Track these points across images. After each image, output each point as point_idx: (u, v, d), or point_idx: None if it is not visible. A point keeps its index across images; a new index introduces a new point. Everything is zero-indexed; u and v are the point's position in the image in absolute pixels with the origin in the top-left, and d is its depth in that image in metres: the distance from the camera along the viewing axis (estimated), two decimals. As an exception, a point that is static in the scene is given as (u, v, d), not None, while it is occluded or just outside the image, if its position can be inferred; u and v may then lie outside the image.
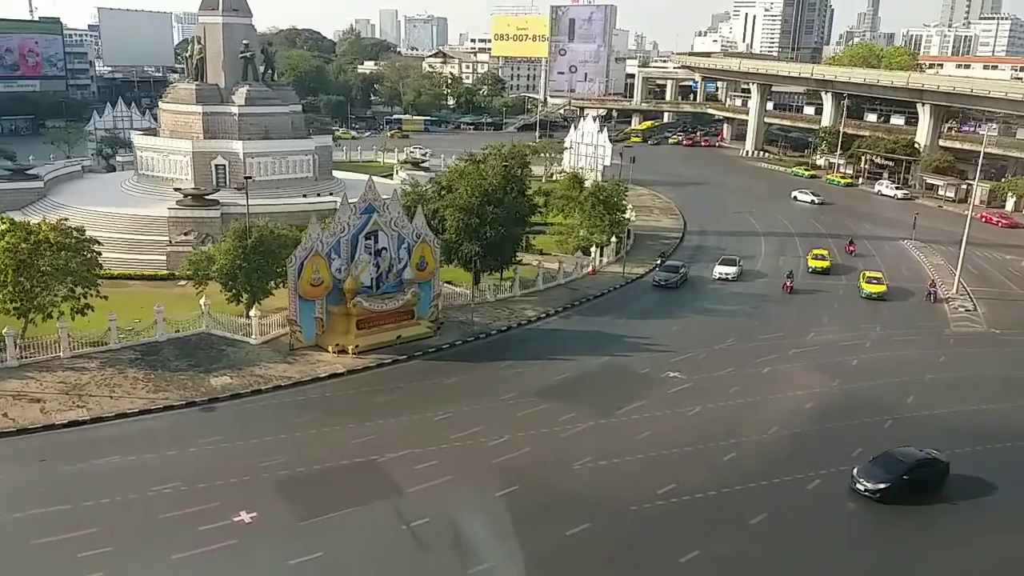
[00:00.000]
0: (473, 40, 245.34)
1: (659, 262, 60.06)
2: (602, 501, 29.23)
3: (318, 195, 66.03)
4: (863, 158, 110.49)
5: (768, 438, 34.71)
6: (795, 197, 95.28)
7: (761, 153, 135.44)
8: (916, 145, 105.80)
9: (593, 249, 61.04)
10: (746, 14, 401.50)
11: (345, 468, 30.95)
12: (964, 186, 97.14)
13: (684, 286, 58.03)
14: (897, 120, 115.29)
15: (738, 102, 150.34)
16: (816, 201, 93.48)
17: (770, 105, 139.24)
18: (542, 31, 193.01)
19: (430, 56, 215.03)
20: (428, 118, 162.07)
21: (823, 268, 62.58)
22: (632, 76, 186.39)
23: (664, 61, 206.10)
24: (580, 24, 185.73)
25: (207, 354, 41.39)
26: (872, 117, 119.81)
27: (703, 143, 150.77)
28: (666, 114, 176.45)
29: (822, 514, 29.54)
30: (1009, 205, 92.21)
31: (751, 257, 66.71)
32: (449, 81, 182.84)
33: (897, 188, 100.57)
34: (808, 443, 34.40)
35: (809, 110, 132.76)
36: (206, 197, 60.29)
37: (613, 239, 62.67)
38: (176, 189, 61.11)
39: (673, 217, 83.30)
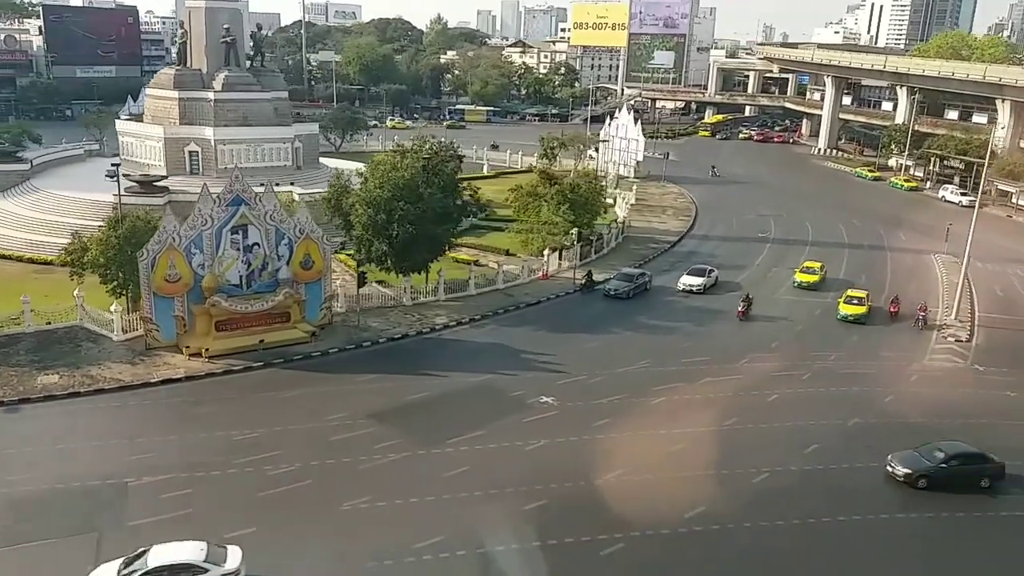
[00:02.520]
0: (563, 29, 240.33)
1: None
2: (341, 554, 25.13)
3: (277, 184, 63.47)
4: (932, 159, 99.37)
5: (598, 486, 29.43)
6: None
7: (834, 151, 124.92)
8: (993, 147, 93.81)
9: (547, 252, 55.95)
10: (872, 4, 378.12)
11: (87, 489, 28.00)
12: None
13: (640, 297, 52.24)
14: (979, 118, 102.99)
15: (816, 96, 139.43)
16: None
17: (848, 100, 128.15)
18: (622, 19, 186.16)
19: (509, 46, 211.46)
20: (491, 108, 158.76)
21: (811, 283, 55.17)
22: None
23: (749, 53, 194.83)
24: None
25: (60, 349, 39.58)
26: (953, 115, 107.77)
27: (776, 139, 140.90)
28: (747, 107, 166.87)
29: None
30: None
31: (741, 267, 59.95)
32: (521, 72, 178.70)
33: (963, 194, 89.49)
34: (642, 494, 28.91)
35: (888, 106, 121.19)
36: (155, 184, 59.09)
37: (578, 243, 57.30)
38: (125, 175, 60.08)
39: (683, 219, 76.57)
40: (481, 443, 32.37)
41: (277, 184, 63.52)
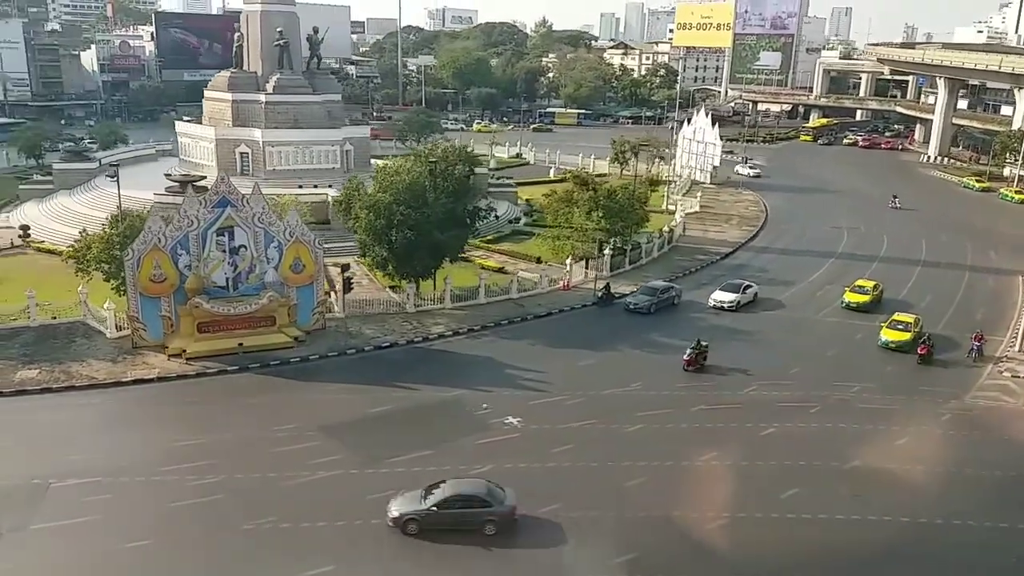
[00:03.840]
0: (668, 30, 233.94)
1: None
2: (216, 576, 23.87)
3: (315, 186, 63.81)
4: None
5: (529, 520, 26.83)
6: None
7: (946, 159, 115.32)
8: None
9: (569, 260, 53.24)
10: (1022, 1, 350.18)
11: (7, 489, 27.78)
12: None
13: (665, 312, 48.78)
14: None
15: (931, 99, 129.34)
16: None
17: (964, 104, 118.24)
18: (726, 19, 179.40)
19: (611, 47, 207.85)
20: (583, 111, 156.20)
21: (860, 303, 50.01)
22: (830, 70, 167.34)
23: (862, 54, 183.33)
24: None
25: (53, 344, 40.33)
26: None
27: (883, 145, 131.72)
28: (857, 111, 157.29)
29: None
30: None
31: (790, 283, 55.30)
32: (618, 74, 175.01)
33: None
34: (576, 534, 26.05)
35: (1007, 110, 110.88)
36: (194, 184, 60.01)
37: (604, 251, 54.36)
38: (166, 175, 61.68)
39: (746, 229, 71.77)
40: (422, 464, 30.34)
41: (315, 185, 64.36)
